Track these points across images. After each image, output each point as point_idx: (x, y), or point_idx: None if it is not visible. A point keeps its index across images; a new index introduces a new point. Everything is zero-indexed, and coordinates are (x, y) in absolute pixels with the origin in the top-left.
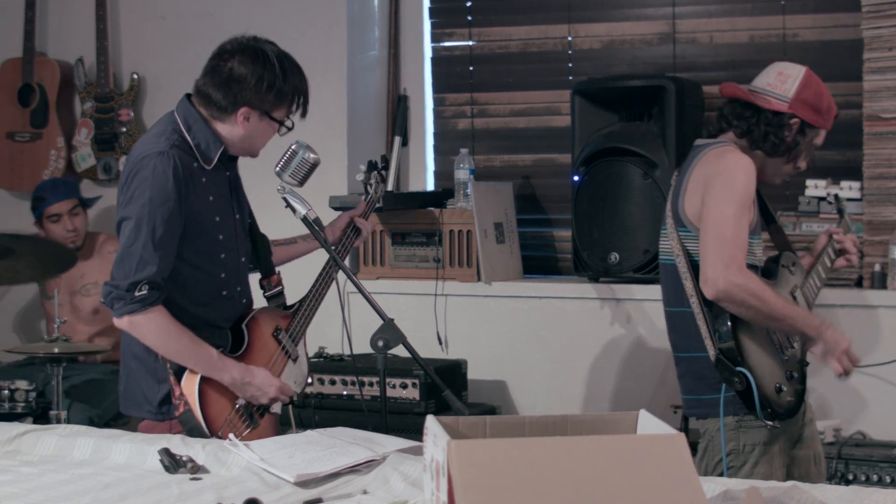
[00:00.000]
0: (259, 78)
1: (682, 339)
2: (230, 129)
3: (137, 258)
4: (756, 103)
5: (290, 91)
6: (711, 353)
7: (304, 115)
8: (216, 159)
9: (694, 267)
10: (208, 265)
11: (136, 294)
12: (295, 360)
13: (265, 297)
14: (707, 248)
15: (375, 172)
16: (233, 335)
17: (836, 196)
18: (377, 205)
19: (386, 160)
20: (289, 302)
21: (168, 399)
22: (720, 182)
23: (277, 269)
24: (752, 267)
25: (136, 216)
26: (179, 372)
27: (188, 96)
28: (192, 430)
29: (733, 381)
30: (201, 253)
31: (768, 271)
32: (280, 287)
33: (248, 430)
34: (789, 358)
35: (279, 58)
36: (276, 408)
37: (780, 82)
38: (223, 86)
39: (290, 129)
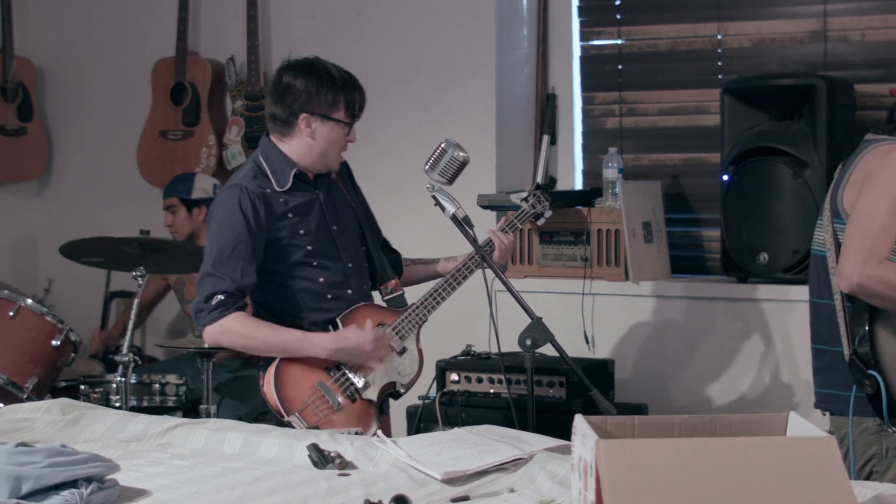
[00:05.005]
0: (309, 83)
1: (825, 332)
2: (299, 144)
3: (210, 277)
4: None
5: (342, 91)
6: (846, 352)
7: (356, 116)
8: (291, 181)
9: None
10: (304, 273)
11: (213, 303)
12: (400, 353)
13: (384, 300)
14: (850, 241)
15: (539, 192)
16: (332, 328)
17: None
18: (536, 221)
19: (553, 181)
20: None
21: None
22: (880, 178)
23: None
24: None
25: (208, 243)
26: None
27: (266, 132)
28: (269, 412)
29: (864, 384)
30: (293, 264)
31: None
32: (399, 291)
33: (332, 413)
34: None
35: (328, 67)
36: (371, 394)
37: None
38: (280, 100)
39: (349, 124)
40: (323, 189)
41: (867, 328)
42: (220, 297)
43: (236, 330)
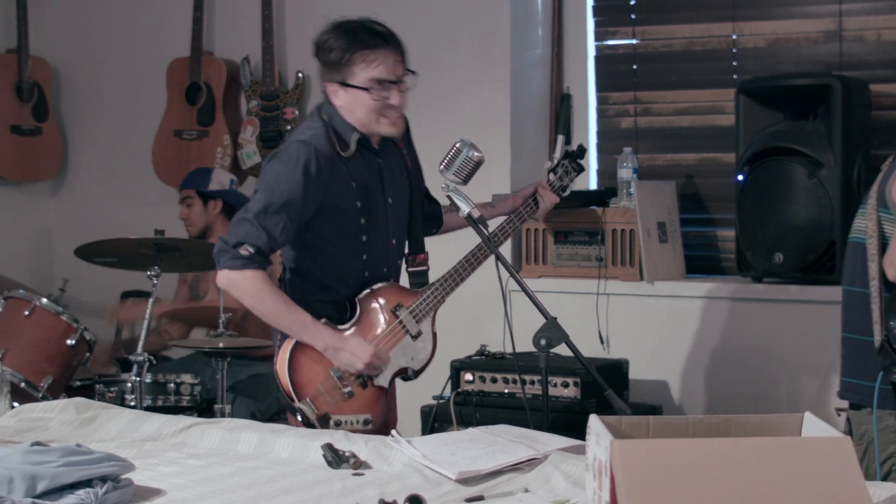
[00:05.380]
0: (325, 51)
1: (856, 320)
2: (341, 111)
3: (248, 224)
4: None
5: (352, 54)
6: (877, 338)
7: (404, 69)
8: (353, 146)
9: (885, 250)
10: (350, 245)
11: (241, 251)
12: (415, 337)
13: (407, 272)
14: None
15: (566, 161)
16: (350, 307)
17: None
18: (562, 194)
19: (583, 149)
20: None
21: None
22: None
23: (427, 247)
24: None
25: (259, 188)
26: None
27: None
28: (284, 410)
29: (891, 371)
30: (343, 234)
31: None
32: (425, 267)
33: (344, 400)
34: None
35: (349, 29)
36: (383, 381)
37: None
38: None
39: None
40: (385, 157)
41: None
42: (250, 249)
43: (249, 288)
